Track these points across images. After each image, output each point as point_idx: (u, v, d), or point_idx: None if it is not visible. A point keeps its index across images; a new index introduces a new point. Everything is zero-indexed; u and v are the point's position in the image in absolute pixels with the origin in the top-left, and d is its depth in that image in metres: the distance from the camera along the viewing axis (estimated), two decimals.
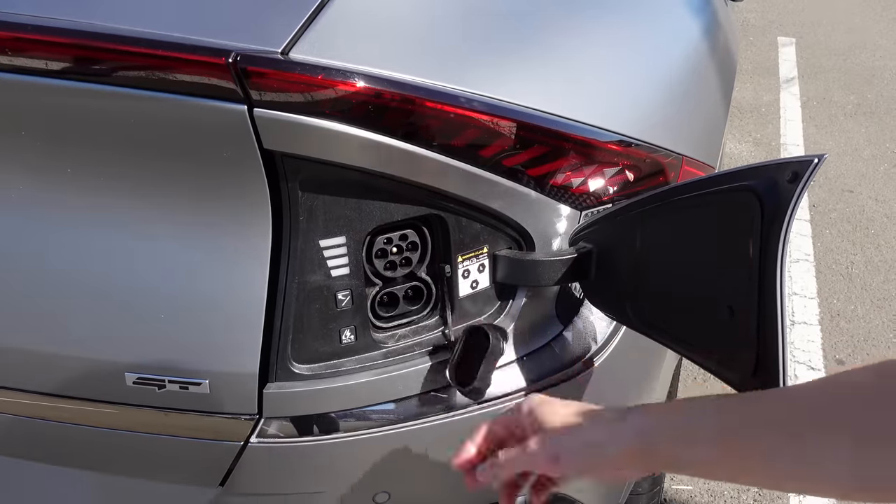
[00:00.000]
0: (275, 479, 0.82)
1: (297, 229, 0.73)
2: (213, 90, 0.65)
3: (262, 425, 0.78)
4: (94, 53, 0.67)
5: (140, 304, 0.75)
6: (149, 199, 0.73)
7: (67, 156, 0.72)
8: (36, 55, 0.67)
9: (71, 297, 0.76)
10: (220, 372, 0.75)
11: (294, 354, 0.77)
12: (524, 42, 0.86)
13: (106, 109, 0.69)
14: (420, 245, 0.81)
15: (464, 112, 0.73)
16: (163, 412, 0.78)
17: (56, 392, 0.79)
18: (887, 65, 4.60)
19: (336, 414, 0.80)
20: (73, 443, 0.82)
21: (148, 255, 0.74)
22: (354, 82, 0.67)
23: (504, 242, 0.84)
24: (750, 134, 3.74)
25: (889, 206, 3.11)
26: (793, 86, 4.30)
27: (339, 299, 0.77)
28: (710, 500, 1.87)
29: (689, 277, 0.78)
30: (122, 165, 0.72)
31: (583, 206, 0.86)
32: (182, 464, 0.82)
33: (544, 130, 0.79)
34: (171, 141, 0.69)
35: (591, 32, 0.96)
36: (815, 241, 2.87)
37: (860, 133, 3.76)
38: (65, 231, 0.75)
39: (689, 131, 1.06)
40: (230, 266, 0.74)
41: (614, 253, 0.84)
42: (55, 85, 0.68)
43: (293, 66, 0.66)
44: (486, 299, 0.86)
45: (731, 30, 1.63)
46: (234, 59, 0.64)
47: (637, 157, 0.90)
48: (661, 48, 1.09)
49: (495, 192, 0.78)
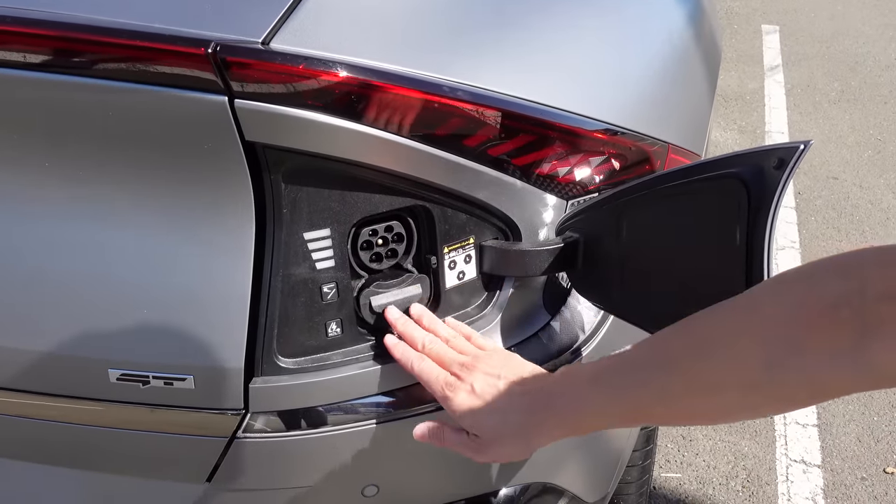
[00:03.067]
0: (262, 474, 0.81)
1: (280, 222, 0.72)
2: (192, 81, 0.64)
3: (249, 420, 0.77)
4: (71, 45, 0.65)
5: (123, 299, 0.74)
6: (129, 192, 0.72)
7: (45, 149, 0.71)
8: (12, 47, 0.65)
9: (52, 293, 0.75)
10: (205, 367, 0.74)
11: (280, 348, 0.76)
12: (508, 30, 0.85)
13: (83, 102, 0.68)
14: (406, 236, 0.80)
15: (448, 101, 0.72)
16: (148, 408, 0.77)
17: (38, 390, 0.78)
18: (870, 51, 4.62)
19: (323, 407, 0.79)
20: (56, 441, 0.81)
21: (130, 250, 0.74)
22: (336, 72, 0.66)
23: (490, 233, 0.84)
24: (735, 122, 3.75)
25: (873, 193, 3.13)
26: (777, 73, 4.31)
27: (324, 292, 0.76)
28: (698, 487, 1.88)
29: (676, 266, 0.78)
30: (102, 159, 0.71)
31: (569, 196, 0.86)
32: (168, 460, 0.82)
33: (529, 119, 0.79)
34: (151, 134, 0.68)
35: (577, 20, 0.96)
36: (801, 228, 2.88)
37: (844, 120, 3.77)
38: (45, 226, 0.74)
39: (675, 119, 1.06)
40: (213, 260, 0.73)
41: (601, 242, 0.83)
42: (32, 77, 0.66)
43: (274, 56, 0.65)
44: (473, 290, 0.86)
45: (716, 18, 1.63)
46: (213, 49, 0.63)
47: (623, 145, 0.89)
48: (647, 36, 1.09)
49: (481, 182, 0.78)
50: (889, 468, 1.93)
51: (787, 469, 1.93)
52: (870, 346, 0.51)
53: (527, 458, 0.75)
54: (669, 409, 0.64)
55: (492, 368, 0.75)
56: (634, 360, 0.67)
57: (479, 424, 0.74)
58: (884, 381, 0.52)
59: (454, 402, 0.74)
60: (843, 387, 0.54)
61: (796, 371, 0.55)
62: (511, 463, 0.91)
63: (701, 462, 1.94)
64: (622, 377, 0.67)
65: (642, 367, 0.66)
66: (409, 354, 0.78)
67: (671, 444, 1.99)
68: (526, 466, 0.93)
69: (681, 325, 0.64)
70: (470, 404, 0.74)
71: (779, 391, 0.57)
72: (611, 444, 1.11)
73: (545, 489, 0.98)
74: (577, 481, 1.02)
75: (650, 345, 0.67)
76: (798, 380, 0.56)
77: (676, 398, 0.63)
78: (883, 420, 2.07)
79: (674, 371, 0.63)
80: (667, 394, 0.63)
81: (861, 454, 1.97)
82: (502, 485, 0.92)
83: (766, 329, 0.57)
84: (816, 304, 0.54)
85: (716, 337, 0.61)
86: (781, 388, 0.57)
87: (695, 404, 0.62)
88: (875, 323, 0.50)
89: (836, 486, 1.89)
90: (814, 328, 0.54)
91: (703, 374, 0.61)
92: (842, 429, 2.05)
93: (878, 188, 3.16)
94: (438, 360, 0.78)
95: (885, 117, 3.81)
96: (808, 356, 0.54)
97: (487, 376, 0.75)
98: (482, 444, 0.74)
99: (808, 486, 1.88)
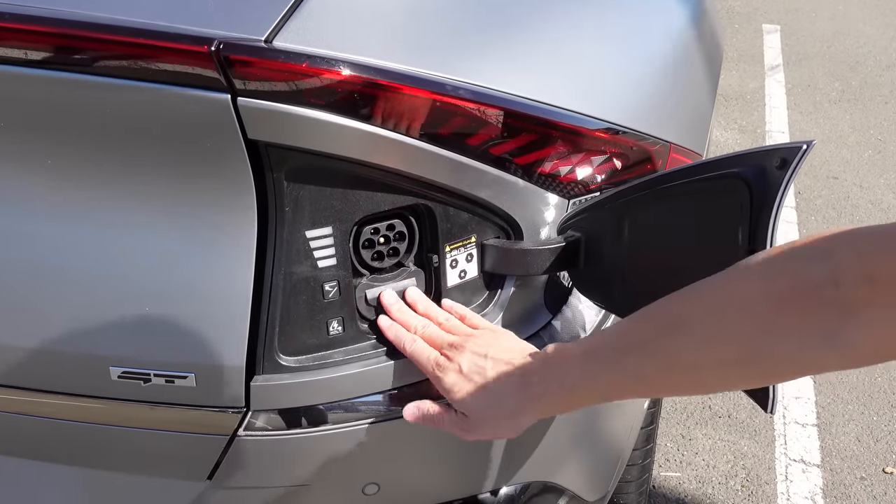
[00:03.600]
0: (263, 472, 0.81)
1: (282, 220, 0.72)
2: (195, 79, 0.64)
3: (250, 418, 0.77)
4: (73, 42, 0.65)
5: (124, 296, 0.74)
6: (131, 190, 0.72)
7: (46, 147, 0.71)
8: (12, 44, 0.65)
9: (53, 291, 0.75)
10: (207, 365, 0.74)
11: (281, 346, 0.76)
12: (511, 29, 0.85)
13: (85, 99, 0.68)
14: (407, 235, 0.80)
15: (450, 100, 0.72)
16: (149, 406, 0.77)
17: (39, 387, 0.78)
18: (871, 51, 4.62)
19: (325, 406, 0.79)
20: (56, 438, 0.81)
21: (131, 247, 0.73)
22: (340, 70, 0.66)
23: (492, 232, 0.84)
24: (736, 121, 3.75)
25: (873, 193, 3.13)
26: (778, 73, 4.31)
27: (326, 290, 0.76)
28: (697, 486, 1.88)
29: (677, 265, 0.78)
30: (103, 157, 0.70)
31: (571, 195, 0.86)
32: (169, 458, 0.82)
33: (532, 118, 0.79)
34: (153, 131, 0.68)
35: (579, 20, 0.96)
36: (802, 228, 2.88)
37: (845, 120, 3.77)
38: (47, 223, 0.74)
39: (676, 119, 1.06)
40: (215, 258, 0.73)
41: (603, 241, 0.83)
42: (32, 75, 0.66)
43: (277, 55, 0.65)
44: (475, 289, 0.86)
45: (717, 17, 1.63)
46: (216, 47, 0.63)
47: (625, 144, 0.89)
48: (649, 35, 1.09)
49: (483, 181, 0.78)
50: (888, 468, 1.93)
51: (786, 468, 1.93)
52: (850, 327, 0.53)
53: (516, 436, 0.76)
54: (674, 377, 0.65)
55: (479, 348, 0.76)
56: (615, 340, 0.69)
57: (466, 404, 0.75)
58: (864, 360, 0.55)
59: (444, 382, 0.75)
60: (825, 365, 0.56)
61: (780, 353, 0.57)
62: (512, 462, 0.91)
63: (700, 461, 1.95)
64: (606, 356, 0.69)
65: (621, 348, 0.68)
66: (403, 336, 0.79)
67: (671, 443, 2.00)
68: (526, 465, 0.93)
69: (663, 302, 0.66)
70: (458, 384, 0.75)
71: (761, 369, 0.59)
72: (611, 443, 1.11)
73: (545, 488, 0.98)
74: (577, 480, 1.02)
75: (627, 326, 0.69)
76: (781, 360, 0.58)
77: (680, 370, 0.64)
78: (882, 420, 2.08)
79: (649, 353, 0.65)
80: (647, 375, 0.65)
81: (860, 454, 1.97)
82: (503, 484, 0.92)
83: (745, 309, 0.58)
84: (799, 284, 0.55)
85: (695, 316, 0.62)
86: (763, 366, 0.58)
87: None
88: (855, 305, 0.52)
89: (836, 485, 1.89)
90: (796, 309, 0.55)
91: (682, 353, 0.63)
92: (841, 428, 2.05)
93: (878, 188, 3.16)
94: (430, 342, 0.78)
95: (886, 117, 3.81)
96: (789, 340, 0.56)
97: (475, 356, 0.75)
98: (470, 423, 0.75)
99: (808, 485, 1.89)
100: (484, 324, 0.82)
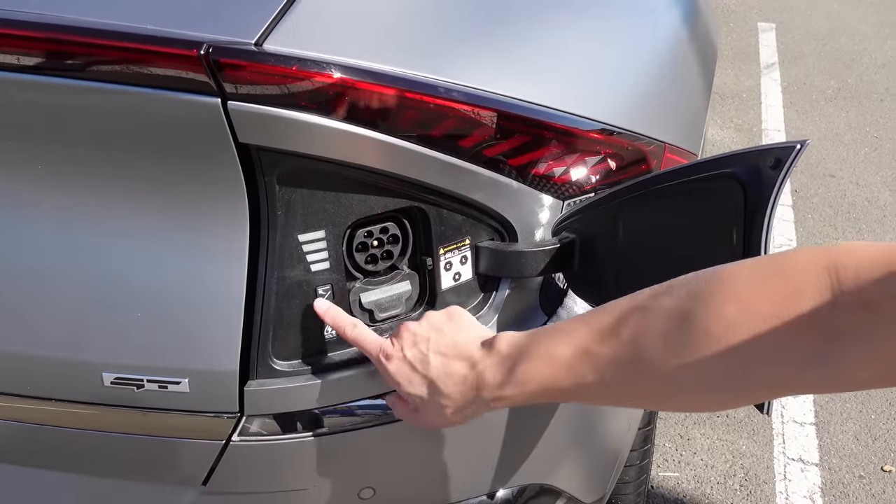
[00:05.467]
0: (258, 478, 0.81)
1: (275, 224, 0.72)
2: (185, 83, 0.64)
3: (244, 423, 0.77)
4: (62, 47, 0.65)
5: (117, 303, 0.73)
6: (122, 195, 0.71)
7: (35, 152, 0.70)
8: (1, 50, 0.65)
9: (45, 297, 0.74)
10: (200, 370, 0.74)
11: (275, 351, 0.76)
12: (502, 30, 0.85)
13: (74, 105, 0.67)
14: (401, 238, 0.80)
15: (443, 102, 0.72)
16: (142, 412, 0.76)
17: (32, 394, 0.77)
18: (866, 49, 4.62)
19: (319, 410, 0.79)
20: (50, 444, 0.81)
21: (123, 253, 0.73)
22: (330, 73, 0.66)
23: (486, 234, 0.83)
24: (731, 120, 3.75)
25: (869, 190, 3.13)
26: (773, 71, 4.31)
27: (319, 294, 0.76)
28: (696, 486, 1.88)
29: (672, 266, 0.77)
30: (93, 162, 0.70)
31: (565, 196, 0.85)
32: (163, 464, 0.81)
33: (525, 120, 0.79)
34: (144, 136, 0.68)
35: (571, 20, 0.95)
36: (798, 226, 2.88)
37: (841, 117, 3.78)
38: (38, 229, 0.73)
39: (671, 118, 1.05)
40: (207, 262, 0.72)
41: (597, 242, 0.83)
42: (20, 80, 0.66)
43: (267, 58, 0.65)
44: (469, 291, 0.85)
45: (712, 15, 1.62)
46: (206, 50, 0.62)
47: (619, 145, 0.89)
48: (642, 35, 1.09)
49: (476, 183, 0.77)
50: (887, 466, 1.93)
51: (784, 467, 1.93)
52: (839, 353, 0.51)
53: (459, 425, 0.74)
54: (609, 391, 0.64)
55: (425, 332, 0.73)
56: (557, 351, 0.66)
57: (408, 393, 0.73)
58: (851, 386, 0.53)
59: (388, 369, 0.73)
60: (808, 389, 0.55)
61: (766, 375, 0.55)
62: (508, 464, 0.91)
63: (699, 461, 1.94)
64: (537, 351, 0.67)
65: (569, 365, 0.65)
66: (343, 321, 0.75)
67: (669, 443, 1.99)
68: (523, 467, 0.92)
69: (620, 318, 0.63)
70: (401, 372, 0.73)
71: (741, 393, 0.57)
72: (608, 444, 1.11)
73: (542, 490, 0.98)
74: (574, 482, 1.02)
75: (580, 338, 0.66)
76: (764, 384, 0.56)
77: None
78: (881, 418, 2.08)
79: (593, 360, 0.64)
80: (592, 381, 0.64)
81: (859, 452, 1.97)
82: (499, 486, 0.92)
83: (731, 331, 0.55)
84: (790, 307, 0.53)
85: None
86: (744, 390, 0.57)
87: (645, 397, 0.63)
88: (845, 330, 0.50)
89: (834, 484, 1.89)
90: (787, 327, 0.53)
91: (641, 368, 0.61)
92: (839, 427, 2.05)
93: (874, 185, 3.16)
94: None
95: (882, 115, 3.81)
96: (777, 364, 0.54)
97: (419, 343, 0.73)
98: (413, 411, 0.75)
99: (806, 484, 1.88)
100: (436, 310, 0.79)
